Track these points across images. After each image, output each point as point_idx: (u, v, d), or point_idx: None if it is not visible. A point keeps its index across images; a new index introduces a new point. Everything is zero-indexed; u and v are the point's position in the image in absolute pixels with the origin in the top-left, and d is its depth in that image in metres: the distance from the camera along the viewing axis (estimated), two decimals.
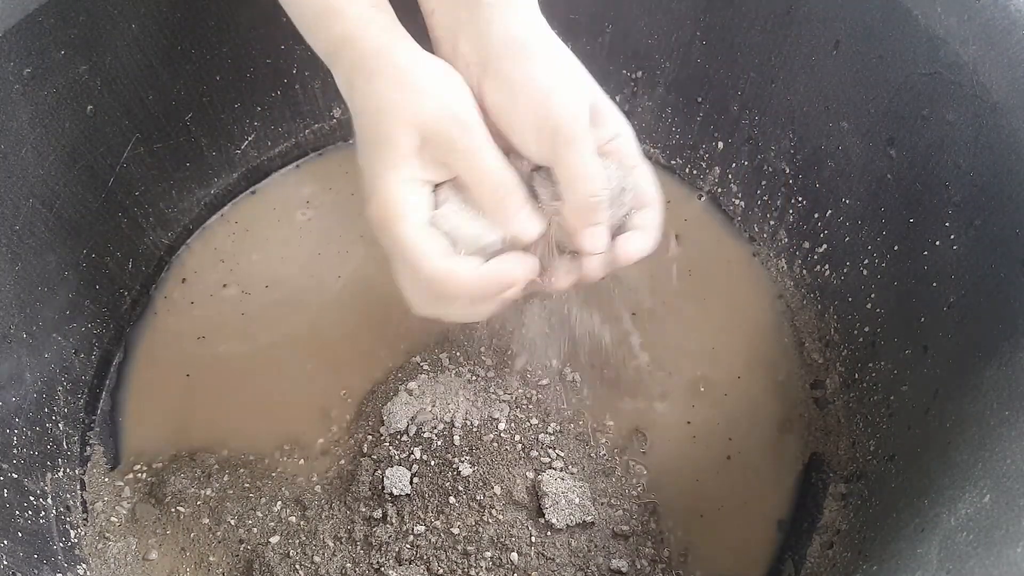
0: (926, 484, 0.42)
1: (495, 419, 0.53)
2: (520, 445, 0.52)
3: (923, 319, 0.49)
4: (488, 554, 0.48)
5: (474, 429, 0.52)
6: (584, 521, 0.50)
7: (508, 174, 0.38)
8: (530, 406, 0.54)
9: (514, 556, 0.48)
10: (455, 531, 0.49)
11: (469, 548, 0.48)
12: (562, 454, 0.52)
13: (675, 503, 0.53)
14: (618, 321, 0.59)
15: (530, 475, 0.51)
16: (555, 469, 0.51)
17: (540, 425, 0.54)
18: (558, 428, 0.54)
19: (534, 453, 0.52)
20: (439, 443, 0.51)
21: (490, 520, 0.49)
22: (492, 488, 0.50)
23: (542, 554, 0.49)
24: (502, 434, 0.52)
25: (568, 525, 0.49)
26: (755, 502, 0.53)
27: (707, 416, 0.56)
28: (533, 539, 0.49)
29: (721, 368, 0.58)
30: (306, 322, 0.60)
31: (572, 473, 0.52)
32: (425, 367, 0.56)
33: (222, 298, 0.61)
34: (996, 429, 0.39)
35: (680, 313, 0.60)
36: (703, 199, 0.66)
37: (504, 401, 0.54)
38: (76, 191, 0.52)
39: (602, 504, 0.51)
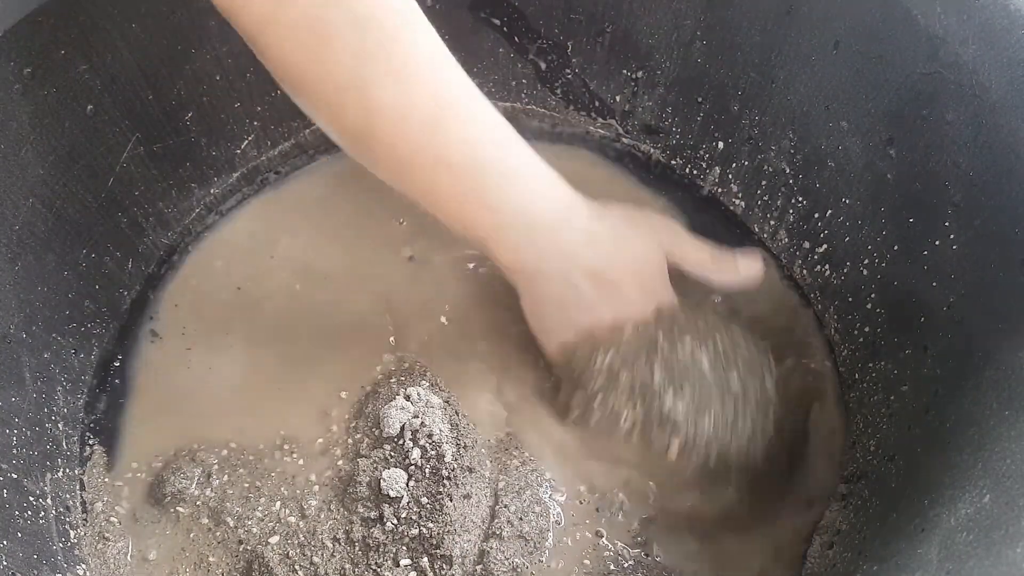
0: (926, 484, 0.42)
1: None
2: (522, 454, 0.52)
3: (923, 319, 0.49)
4: None
5: (472, 440, 0.51)
6: (584, 523, 0.49)
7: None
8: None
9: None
10: None
11: None
12: None
13: (676, 505, 0.53)
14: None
15: (530, 479, 0.51)
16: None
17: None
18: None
19: (535, 459, 0.52)
20: (433, 452, 0.51)
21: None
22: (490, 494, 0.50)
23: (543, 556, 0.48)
24: (502, 443, 0.52)
25: (568, 528, 0.49)
26: (755, 503, 0.53)
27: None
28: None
29: None
30: (306, 322, 0.60)
31: None
32: (426, 377, 0.55)
33: (221, 298, 0.61)
34: (996, 429, 0.39)
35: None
36: (703, 199, 0.66)
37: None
38: (76, 191, 0.52)
39: (603, 508, 0.51)
